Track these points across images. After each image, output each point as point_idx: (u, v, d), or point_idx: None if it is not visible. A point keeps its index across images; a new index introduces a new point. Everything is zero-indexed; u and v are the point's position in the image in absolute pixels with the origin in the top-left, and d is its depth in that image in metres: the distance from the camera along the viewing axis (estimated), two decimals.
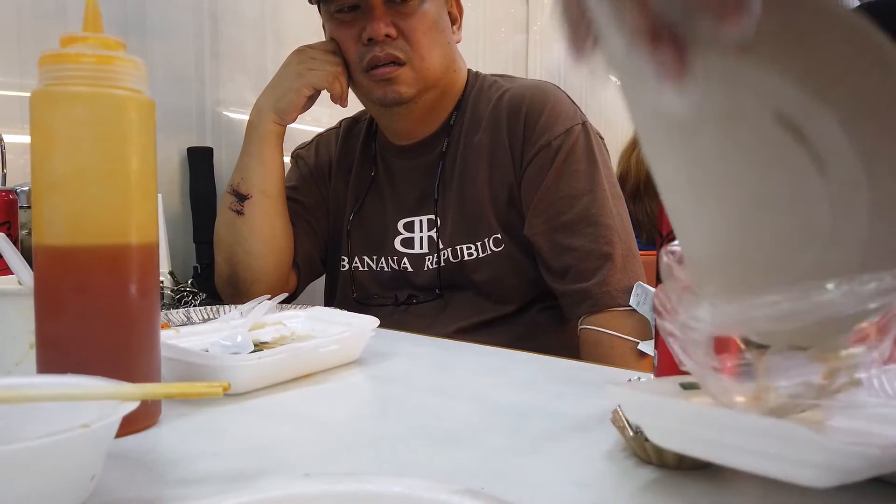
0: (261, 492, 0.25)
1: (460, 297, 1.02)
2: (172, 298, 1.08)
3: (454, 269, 1.02)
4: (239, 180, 1.06)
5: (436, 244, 1.03)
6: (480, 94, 1.07)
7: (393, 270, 1.06)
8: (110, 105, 0.47)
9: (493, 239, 1.00)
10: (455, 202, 1.03)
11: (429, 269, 1.03)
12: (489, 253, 1.00)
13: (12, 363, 0.56)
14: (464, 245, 1.01)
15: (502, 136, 1.01)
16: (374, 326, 0.74)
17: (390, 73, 0.99)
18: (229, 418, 0.53)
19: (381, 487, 0.26)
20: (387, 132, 1.12)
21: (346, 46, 1.03)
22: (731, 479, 0.41)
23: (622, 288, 0.93)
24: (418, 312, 1.04)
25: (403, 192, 1.08)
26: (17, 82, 1.17)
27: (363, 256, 1.10)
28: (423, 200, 1.06)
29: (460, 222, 1.02)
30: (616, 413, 0.48)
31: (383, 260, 1.07)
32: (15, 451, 0.32)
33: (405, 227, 1.06)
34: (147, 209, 0.49)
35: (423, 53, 1.00)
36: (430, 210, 1.04)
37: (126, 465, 0.43)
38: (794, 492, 0.34)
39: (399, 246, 1.06)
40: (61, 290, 0.47)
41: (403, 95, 1.00)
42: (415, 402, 0.58)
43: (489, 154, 1.01)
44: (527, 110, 1.00)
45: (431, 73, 1.02)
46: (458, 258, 1.01)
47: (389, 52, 0.98)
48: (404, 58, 0.99)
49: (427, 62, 1.00)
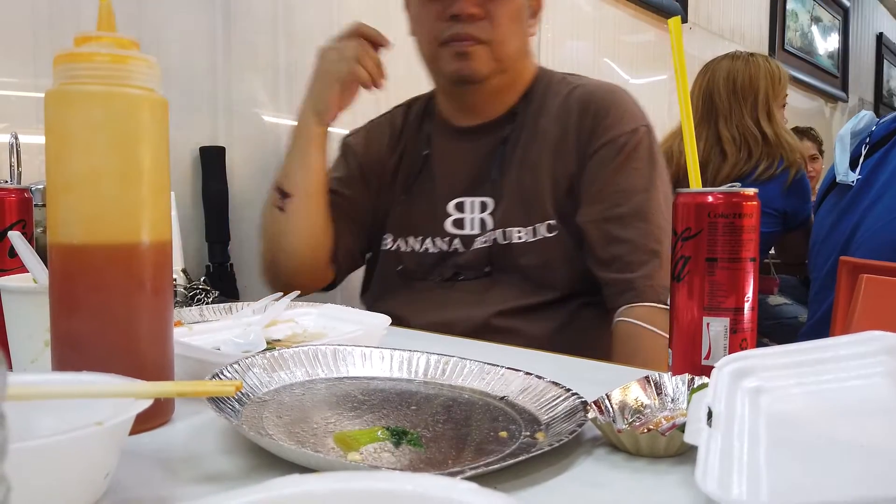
0: (273, 489, 0.25)
1: (506, 279, 1.04)
2: (185, 296, 1.09)
3: (502, 251, 1.04)
4: (283, 178, 1.09)
5: (486, 225, 1.05)
6: (549, 87, 1.10)
7: (441, 251, 1.08)
8: (124, 104, 0.47)
9: (547, 225, 1.02)
10: (512, 186, 1.05)
11: (476, 248, 1.05)
12: (540, 238, 1.02)
13: (28, 361, 0.56)
14: (515, 228, 1.03)
15: (569, 128, 1.04)
16: (386, 325, 0.74)
17: (469, 47, 1.01)
18: None
19: (393, 485, 0.26)
20: (448, 112, 1.14)
21: (427, 21, 1.05)
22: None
23: (665, 286, 0.94)
24: (465, 289, 1.05)
25: (457, 172, 1.10)
26: (31, 83, 1.18)
27: (408, 237, 1.11)
28: (478, 182, 1.07)
29: (515, 206, 1.04)
30: (589, 405, 0.49)
31: (429, 241, 1.09)
32: (30, 449, 0.32)
33: (456, 207, 1.08)
34: (160, 208, 0.49)
35: (504, 38, 1.02)
36: (485, 192, 1.06)
37: (140, 463, 0.43)
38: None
39: (450, 227, 1.08)
40: (76, 289, 0.47)
41: (476, 72, 1.03)
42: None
43: (554, 143, 1.04)
44: (597, 106, 1.03)
45: (507, 57, 1.04)
46: (507, 240, 1.03)
47: (471, 32, 1.00)
48: (485, 38, 1.01)
49: (505, 47, 1.03)
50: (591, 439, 0.48)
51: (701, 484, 0.36)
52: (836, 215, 1.60)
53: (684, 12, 3.00)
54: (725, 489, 0.36)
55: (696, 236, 0.58)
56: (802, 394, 0.47)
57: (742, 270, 0.57)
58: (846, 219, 1.56)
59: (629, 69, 2.83)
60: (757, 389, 0.47)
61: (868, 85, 5.69)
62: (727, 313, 0.57)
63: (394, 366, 0.62)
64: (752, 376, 0.48)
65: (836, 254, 1.49)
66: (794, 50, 4.25)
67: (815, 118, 4.58)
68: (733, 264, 0.57)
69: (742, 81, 1.96)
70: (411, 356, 0.63)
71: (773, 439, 0.42)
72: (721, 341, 0.57)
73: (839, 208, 1.59)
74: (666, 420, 0.49)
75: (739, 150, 1.93)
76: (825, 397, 0.46)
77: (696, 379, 0.52)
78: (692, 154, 0.62)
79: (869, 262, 1.26)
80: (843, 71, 5.09)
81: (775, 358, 0.49)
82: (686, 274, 0.59)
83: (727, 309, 0.57)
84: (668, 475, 0.42)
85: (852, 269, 1.24)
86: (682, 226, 0.59)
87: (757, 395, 0.47)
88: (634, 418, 0.50)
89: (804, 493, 0.37)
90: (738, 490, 0.37)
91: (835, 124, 4.91)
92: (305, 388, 0.56)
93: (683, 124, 0.62)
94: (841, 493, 0.36)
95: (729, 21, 3.52)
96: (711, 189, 0.59)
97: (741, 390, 0.47)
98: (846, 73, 5.11)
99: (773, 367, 0.48)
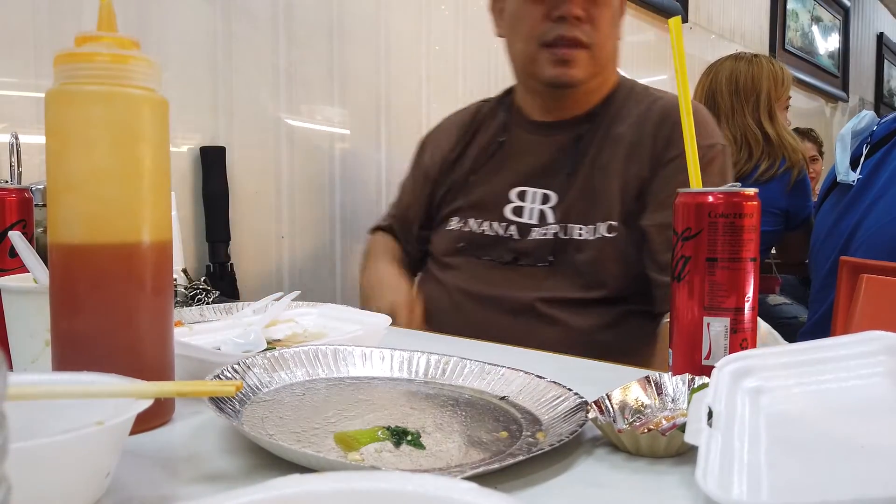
0: (273, 489, 0.25)
1: (562, 271, 1.06)
2: (185, 296, 1.09)
3: (562, 245, 1.06)
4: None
5: (545, 217, 1.07)
6: (631, 95, 1.12)
7: (496, 235, 1.10)
8: (125, 104, 0.47)
9: (608, 225, 1.03)
10: (579, 184, 1.06)
11: (534, 238, 1.07)
12: (599, 237, 1.04)
13: (28, 361, 0.56)
14: (576, 225, 1.05)
15: (646, 135, 1.05)
16: (386, 325, 0.74)
17: (572, 53, 1.04)
18: None
19: (394, 485, 0.26)
20: (527, 107, 1.16)
21: (529, 21, 1.07)
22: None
23: None
24: (522, 272, 1.08)
25: (526, 162, 1.12)
26: (32, 83, 1.18)
27: (469, 218, 1.14)
28: (545, 175, 1.10)
29: (579, 203, 1.06)
30: (590, 405, 0.49)
31: (486, 224, 1.11)
32: (31, 448, 0.32)
33: (518, 195, 1.10)
34: (161, 207, 0.49)
35: (603, 41, 1.06)
36: (550, 185, 1.08)
37: (140, 462, 0.43)
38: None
39: (509, 213, 1.10)
40: (76, 288, 0.47)
41: (575, 78, 1.06)
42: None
43: (628, 148, 1.05)
44: (677, 117, 1.05)
45: (604, 60, 1.08)
46: (566, 235, 1.05)
47: (576, 34, 1.03)
48: (587, 41, 1.04)
49: (604, 50, 1.07)
50: (591, 439, 0.48)
51: (701, 484, 0.36)
52: (837, 215, 1.60)
53: (684, 12, 3.00)
54: (725, 489, 0.36)
55: (696, 236, 0.58)
56: (802, 394, 0.47)
57: (742, 270, 0.57)
58: (846, 218, 1.56)
59: (629, 69, 2.82)
60: (757, 389, 0.47)
61: (869, 85, 5.68)
62: (727, 313, 0.57)
63: (394, 366, 0.62)
64: (753, 376, 0.48)
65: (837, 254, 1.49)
66: (794, 50, 4.25)
67: (816, 118, 4.58)
68: (733, 264, 0.57)
69: (744, 82, 1.97)
70: (411, 356, 0.63)
71: (773, 439, 0.42)
72: (721, 341, 0.57)
73: (839, 208, 1.59)
74: (666, 420, 0.49)
75: (740, 150, 1.93)
76: (825, 397, 0.46)
77: (697, 379, 0.52)
78: (692, 154, 0.62)
79: (869, 262, 1.26)
80: (844, 71, 5.09)
81: (775, 358, 0.49)
82: (686, 274, 0.59)
83: (727, 309, 0.57)
84: (668, 475, 0.42)
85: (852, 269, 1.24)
86: (683, 226, 0.59)
87: (757, 395, 0.47)
88: (635, 418, 0.50)
89: (804, 492, 0.37)
90: (738, 490, 0.37)
91: (835, 124, 4.91)
92: (306, 388, 0.56)
93: (684, 124, 0.62)
94: (841, 493, 0.36)
95: (729, 21, 3.51)
96: (712, 189, 0.59)
97: (741, 390, 0.47)
98: (847, 73, 5.11)
99: (773, 367, 0.48)
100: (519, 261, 1.08)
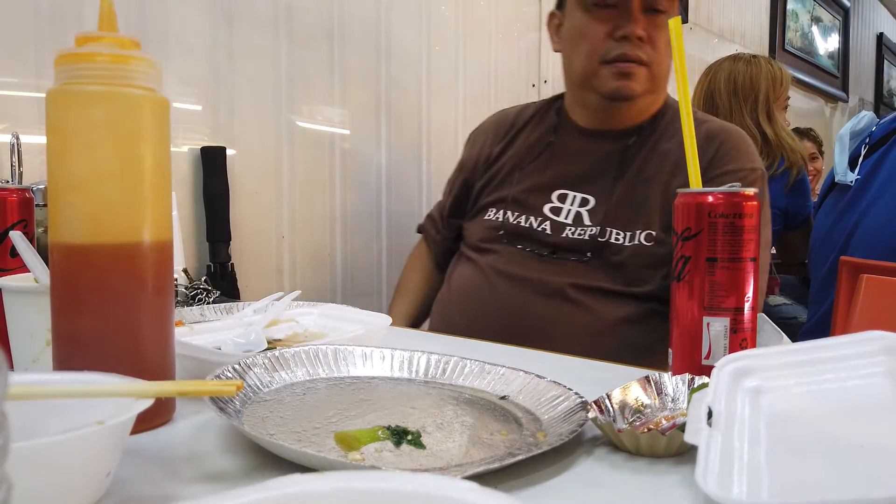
0: (274, 489, 0.25)
1: (598, 265, 1.08)
2: (186, 296, 1.09)
3: (598, 245, 1.08)
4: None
5: (581, 219, 1.10)
6: (678, 115, 1.13)
7: (531, 227, 1.13)
8: (125, 104, 0.47)
9: (647, 234, 1.06)
10: (621, 192, 1.09)
11: (567, 237, 1.10)
12: (636, 244, 1.06)
13: (29, 360, 0.56)
14: (614, 229, 1.08)
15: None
16: (386, 325, 0.74)
17: (633, 68, 1.09)
18: None
19: (394, 485, 0.26)
20: (578, 116, 1.20)
21: (592, 39, 1.11)
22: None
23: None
24: (558, 262, 1.10)
25: (570, 166, 1.15)
26: (33, 83, 1.18)
27: (507, 210, 1.16)
28: (587, 181, 1.13)
29: (620, 210, 1.09)
30: (590, 405, 0.49)
31: (523, 217, 1.14)
32: (32, 448, 0.32)
33: (559, 197, 1.14)
34: (161, 207, 0.49)
35: (661, 61, 1.11)
36: (591, 191, 1.12)
37: (141, 462, 0.43)
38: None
39: (546, 210, 1.13)
40: (77, 288, 0.47)
41: (633, 92, 1.10)
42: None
43: (674, 163, 1.09)
44: (722, 139, 1.11)
45: (660, 80, 1.13)
46: (603, 238, 1.08)
47: (638, 53, 1.09)
48: (647, 60, 1.09)
49: (661, 70, 1.12)
50: (591, 439, 0.48)
51: (701, 484, 0.36)
52: (836, 215, 1.60)
53: (684, 12, 3.00)
54: (725, 489, 0.36)
55: (696, 236, 0.58)
56: (802, 394, 0.47)
57: (742, 270, 0.57)
58: (845, 218, 1.56)
59: None
60: (757, 389, 0.47)
61: (868, 85, 5.68)
62: (727, 313, 0.57)
63: (394, 365, 0.62)
64: (752, 376, 0.48)
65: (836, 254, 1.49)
66: (794, 50, 4.24)
67: (816, 118, 4.58)
68: (733, 264, 0.57)
69: (743, 82, 1.97)
70: (412, 356, 0.63)
71: (773, 439, 0.42)
72: (721, 341, 0.57)
73: (838, 208, 1.60)
74: (666, 420, 0.49)
75: None
76: (825, 397, 0.46)
77: (697, 379, 0.52)
78: (692, 154, 0.62)
79: (869, 262, 1.27)
80: (844, 71, 5.09)
81: (775, 358, 0.49)
82: (686, 274, 0.59)
83: (727, 309, 0.57)
84: (668, 475, 0.43)
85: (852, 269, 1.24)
86: (683, 226, 0.59)
87: (757, 395, 0.47)
88: (635, 418, 0.50)
89: (804, 492, 0.37)
90: (738, 490, 0.37)
91: (835, 124, 4.91)
92: (306, 388, 0.56)
93: (683, 124, 0.63)
94: (841, 493, 0.36)
95: (729, 21, 3.52)
96: (712, 189, 0.59)
97: (741, 390, 0.47)
98: (846, 74, 5.11)
99: (773, 367, 0.48)
100: (556, 254, 1.10)
